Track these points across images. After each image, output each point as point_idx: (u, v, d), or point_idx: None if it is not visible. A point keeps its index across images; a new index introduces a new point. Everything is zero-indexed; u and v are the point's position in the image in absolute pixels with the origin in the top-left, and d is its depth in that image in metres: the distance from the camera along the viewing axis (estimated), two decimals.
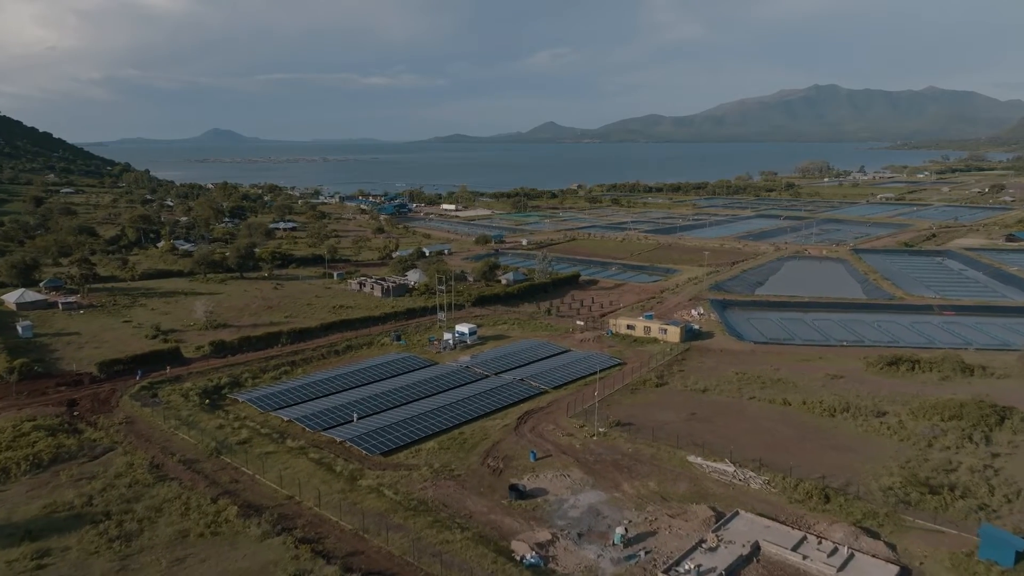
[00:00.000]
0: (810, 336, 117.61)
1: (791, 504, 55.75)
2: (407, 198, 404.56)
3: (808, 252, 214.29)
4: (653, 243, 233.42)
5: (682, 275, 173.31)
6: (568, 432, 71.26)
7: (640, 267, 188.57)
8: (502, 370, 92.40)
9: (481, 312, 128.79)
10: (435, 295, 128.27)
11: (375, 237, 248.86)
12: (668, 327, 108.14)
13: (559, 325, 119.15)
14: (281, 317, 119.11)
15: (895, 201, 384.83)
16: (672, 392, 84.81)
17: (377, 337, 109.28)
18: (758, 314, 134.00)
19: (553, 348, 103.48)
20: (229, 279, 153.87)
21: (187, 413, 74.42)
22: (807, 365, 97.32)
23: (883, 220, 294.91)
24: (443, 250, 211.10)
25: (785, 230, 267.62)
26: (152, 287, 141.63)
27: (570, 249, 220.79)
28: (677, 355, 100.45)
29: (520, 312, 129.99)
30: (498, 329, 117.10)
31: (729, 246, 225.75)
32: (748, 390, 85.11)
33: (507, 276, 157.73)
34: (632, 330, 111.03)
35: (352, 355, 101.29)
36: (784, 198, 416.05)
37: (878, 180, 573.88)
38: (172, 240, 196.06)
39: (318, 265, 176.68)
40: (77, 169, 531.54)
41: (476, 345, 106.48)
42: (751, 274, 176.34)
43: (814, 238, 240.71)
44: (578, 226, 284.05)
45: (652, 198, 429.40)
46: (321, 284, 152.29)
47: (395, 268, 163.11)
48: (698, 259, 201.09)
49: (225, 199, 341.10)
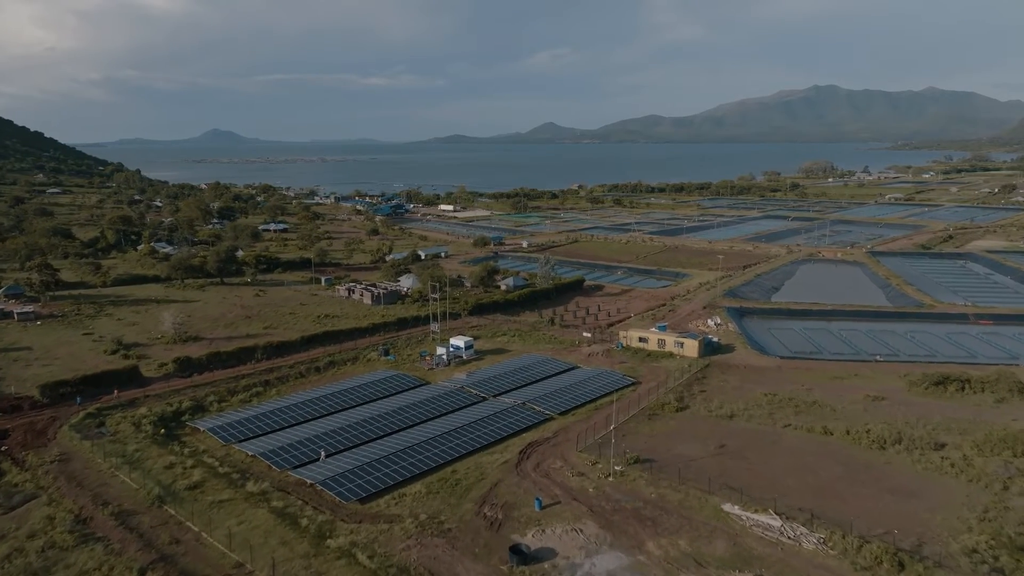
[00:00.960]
0: (838, 349, 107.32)
1: (857, 572, 45.37)
2: (404, 199, 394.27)
3: (822, 255, 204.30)
4: (659, 245, 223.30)
5: (692, 280, 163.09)
6: (579, 471, 60.89)
7: (647, 271, 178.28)
8: (501, 391, 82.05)
9: (478, 322, 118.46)
10: (436, 297, 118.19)
11: (369, 239, 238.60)
12: (685, 340, 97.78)
13: (564, 337, 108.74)
14: (260, 328, 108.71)
15: (904, 202, 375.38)
16: (695, 418, 74.45)
17: (364, 351, 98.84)
18: (779, 323, 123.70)
19: (558, 364, 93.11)
20: (208, 285, 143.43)
21: (135, 448, 63.85)
22: (842, 384, 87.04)
23: (895, 221, 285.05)
24: (439, 253, 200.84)
25: (795, 231, 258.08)
26: (124, 294, 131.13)
27: (573, 252, 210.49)
28: (696, 372, 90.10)
29: (521, 322, 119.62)
30: (497, 342, 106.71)
31: (739, 248, 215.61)
32: (781, 416, 74.79)
33: (507, 281, 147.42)
34: (645, 343, 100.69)
35: (335, 373, 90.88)
36: (790, 198, 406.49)
37: (884, 180, 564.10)
38: (152, 243, 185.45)
39: (306, 269, 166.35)
40: (68, 169, 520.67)
41: (473, 360, 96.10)
42: (766, 279, 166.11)
43: (826, 240, 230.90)
44: (580, 227, 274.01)
45: (655, 198, 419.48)
46: (307, 290, 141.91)
47: (387, 273, 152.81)
48: (708, 262, 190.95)
49: (216, 199, 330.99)
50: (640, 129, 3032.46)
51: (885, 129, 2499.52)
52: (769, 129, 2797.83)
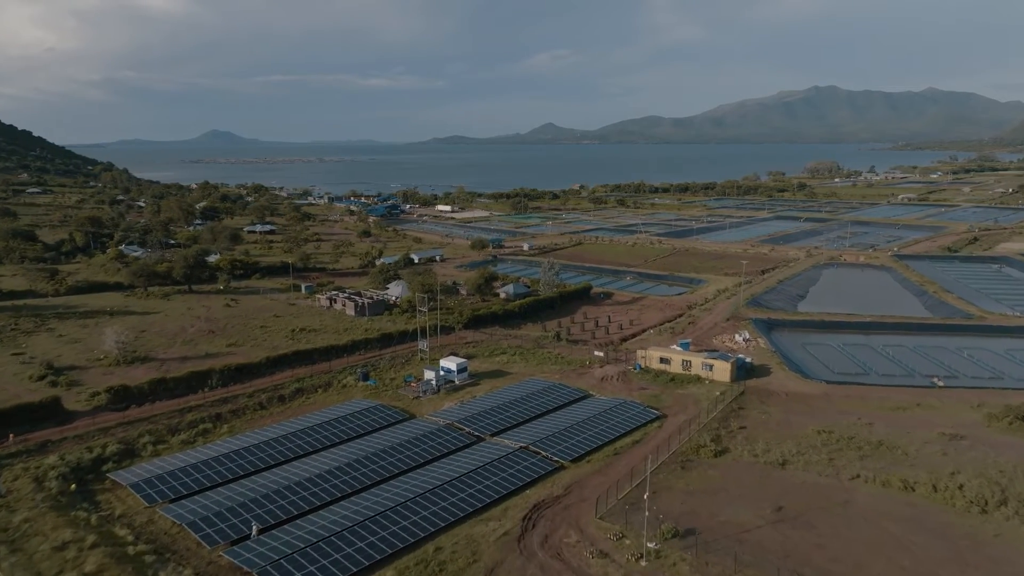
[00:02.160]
0: (888, 370, 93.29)
1: None
2: (400, 199, 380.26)
3: (844, 258, 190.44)
4: (668, 248, 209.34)
5: (709, 286, 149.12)
6: (600, 548, 46.77)
7: (658, 276, 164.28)
8: (500, 429, 67.94)
9: (474, 337, 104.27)
10: (424, 311, 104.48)
11: (360, 241, 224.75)
12: (715, 362, 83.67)
13: (572, 356, 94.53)
14: (222, 346, 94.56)
15: (918, 202, 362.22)
16: (739, 466, 60.37)
17: (339, 375, 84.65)
18: (813, 338, 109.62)
19: (567, 392, 78.96)
20: (175, 294, 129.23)
21: (24, 517, 49.56)
22: (906, 417, 73.00)
23: (913, 222, 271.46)
24: (434, 256, 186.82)
25: (809, 233, 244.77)
26: (76, 304, 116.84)
27: (577, 255, 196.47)
28: (731, 402, 76.03)
29: (522, 336, 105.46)
30: (495, 362, 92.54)
31: (754, 251, 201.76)
32: (844, 462, 60.74)
33: (506, 289, 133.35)
34: (667, 364, 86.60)
35: (302, 403, 76.72)
36: (799, 199, 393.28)
37: (892, 180, 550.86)
38: (121, 246, 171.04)
39: (287, 275, 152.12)
40: (55, 169, 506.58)
41: (466, 386, 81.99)
42: (789, 285, 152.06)
43: (843, 242, 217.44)
44: (583, 229, 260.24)
45: (659, 199, 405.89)
46: (285, 300, 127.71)
47: (375, 279, 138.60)
48: (722, 266, 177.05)
49: (204, 199, 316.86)
50: (640, 130, 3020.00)
51: (885, 130, 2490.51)
52: (769, 130, 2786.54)
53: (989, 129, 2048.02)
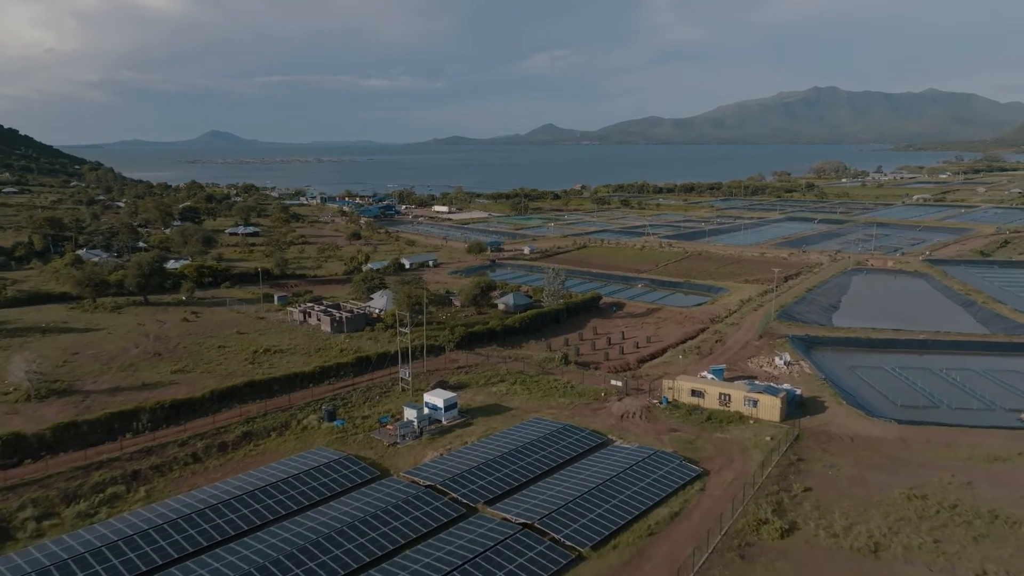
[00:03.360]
0: (961, 401, 77.95)
1: None
2: (396, 199, 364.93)
3: (871, 264, 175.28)
4: (679, 251, 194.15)
5: (730, 295, 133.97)
6: None
7: (673, 284, 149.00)
8: (496, 493, 52.47)
9: (467, 359, 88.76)
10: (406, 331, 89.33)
11: (349, 244, 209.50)
12: (760, 396, 68.23)
13: (584, 385, 78.99)
14: (167, 373, 79.19)
15: (934, 203, 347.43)
16: (817, 554, 44.92)
17: (301, 413, 69.14)
18: (860, 359, 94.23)
19: (581, 437, 63.43)
20: (130, 305, 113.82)
21: None
22: (1010, 472, 57.68)
23: (934, 224, 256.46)
24: (427, 261, 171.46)
25: (827, 236, 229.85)
26: (7, 320, 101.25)
27: (582, 259, 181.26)
28: (787, 452, 60.65)
29: (524, 358, 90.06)
30: (492, 393, 77.00)
31: (771, 255, 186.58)
32: (956, 546, 45.40)
33: (505, 299, 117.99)
34: (700, 398, 71.17)
35: (248, 452, 61.24)
36: (809, 199, 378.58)
37: (901, 180, 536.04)
38: (82, 250, 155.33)
39: (263, 283, 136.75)
40: (39, 168, 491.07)
41: (456, 427, 66.58)
42: (819, 294, 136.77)
43: (864, 245, 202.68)
44: (587, 230, 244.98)
45: (664, 199, 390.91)
46: (254, 312, 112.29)
47: (358, 288, 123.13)
48: (740, 271, 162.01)
49: (189, 199, 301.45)
50: (640, 130, 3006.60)
51: (885, 130, 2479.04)
52: (769, 130, 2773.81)
53: (990, 130, 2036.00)
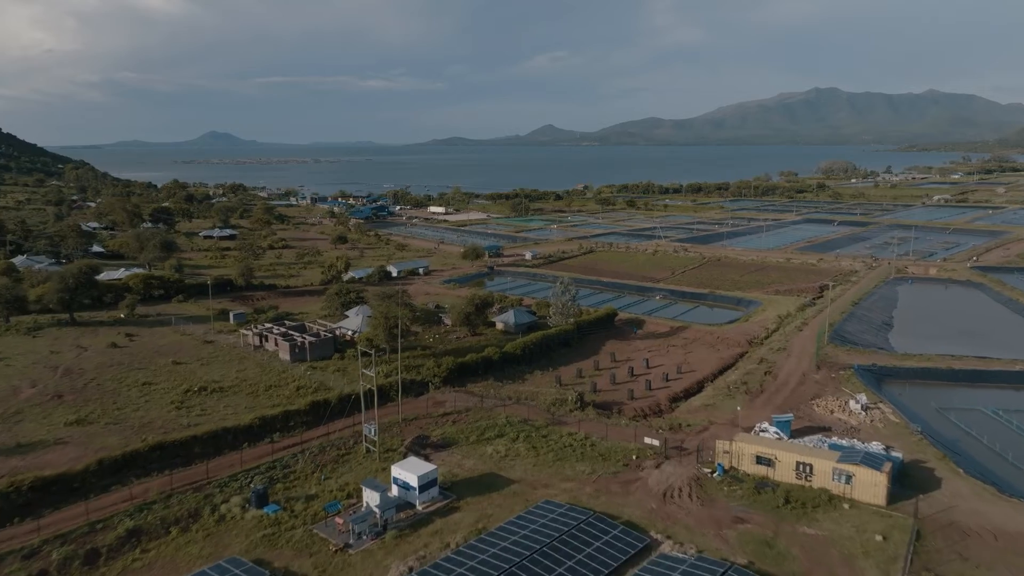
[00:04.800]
0: None
1: None
2: (390, 200, 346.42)
3: (911, 271, 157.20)
4: (696, 256, 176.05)
5: (764, 310, 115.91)
6: None
7: (696, 295, 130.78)
8: None
9: (457, 401, 70.10)
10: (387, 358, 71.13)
11: (335, 248, 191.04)
12: (855, 470, 49.61)
13: (609, 443, 60.15)
14: (60, 424, 60.88)
15: (956, 203, 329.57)
16: None
17: (220, 491, 50.44)
18: (946, 396, 75.80)
19: (614, 540, 44.76)
20: (54, 325, 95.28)
21: None
22: None
23: (964, 226, 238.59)
24: (417, 268, 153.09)
25: (851, 239, 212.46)
26: None
27: (589, 266, 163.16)
28: (913, 562, 42.13)
29: (528, 398, 71.53)
30: (486, 456, 58.18)
31: (798, 261, 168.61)
32: None
33: (505, 317, 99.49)
34: (769, 467, 52.63)
35: (127, 565, 42.55)
36: (823, 200, 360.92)
37: (913, 181, 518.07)
38: (20, 256, 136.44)
39: (223, 295, 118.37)
40: (19, 167, 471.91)
41: (435, 512, 48.03)
42: (866, 309, 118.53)
43: (895, 249, 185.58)
44: (592, 233, 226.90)
45: (671, 199, 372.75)
46: (203, 333, 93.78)
47: (331, 303, 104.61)
48: (767, 280, 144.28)
49: (168, 199, 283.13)
50: (640, 131, 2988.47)
51: (886, 131, 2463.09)
52: (769, 131, 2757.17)
53: (991, 131, 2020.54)
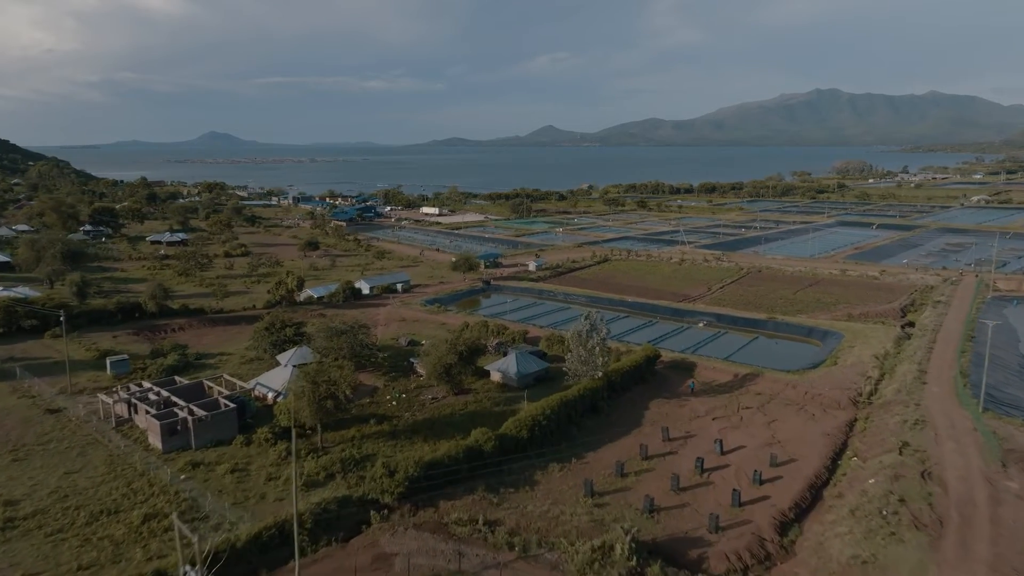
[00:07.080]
0: None
1: None
2: (380, 199, 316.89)
3: (999, 286, 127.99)
4: (732, 267, 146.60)
5: (853, 346, 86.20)
6: None
7: (751, 322, 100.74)
8: None
9: (415, 561, 40.16)
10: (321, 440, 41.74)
11: (303, 256, 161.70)
12: None
13: None
14: None
15: (997, 205, 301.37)
16: None
17: None
18: None
19: None
20: None
21: None
22: None
23: (1021, 230, 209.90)
24: (395, 284, 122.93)
25: (901, 245, 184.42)
26: None
27: (607, 279, 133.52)
28: None
29: (543, 538, 41.70)
30: None
31: (855, 273, 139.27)
32: None
33: (503, 366, 69.43)
34: None
35: None
36: (849, 201, 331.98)
37: (934, 181, 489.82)
38: None
39: (130, 323, 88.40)
40: None
41: None
42: (992, 347, 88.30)
43: (956, 258, 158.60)
44: (604, 238, 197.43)
45: (684, 200, 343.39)
46: (53, 395, 63.63)
47: (260, 342, 74.39)
48: (829, 299, 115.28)
49: (129, 198, 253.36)
50: (640, 132, 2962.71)
51: (887, 132, 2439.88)
52: (770, 132, 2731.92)
53: (993, 132, 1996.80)
